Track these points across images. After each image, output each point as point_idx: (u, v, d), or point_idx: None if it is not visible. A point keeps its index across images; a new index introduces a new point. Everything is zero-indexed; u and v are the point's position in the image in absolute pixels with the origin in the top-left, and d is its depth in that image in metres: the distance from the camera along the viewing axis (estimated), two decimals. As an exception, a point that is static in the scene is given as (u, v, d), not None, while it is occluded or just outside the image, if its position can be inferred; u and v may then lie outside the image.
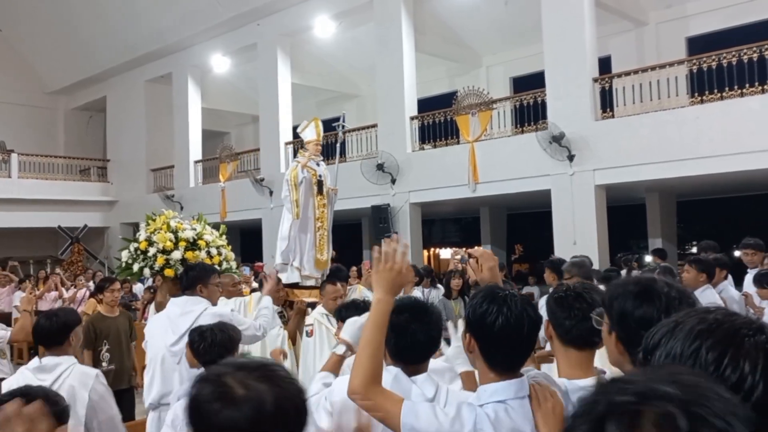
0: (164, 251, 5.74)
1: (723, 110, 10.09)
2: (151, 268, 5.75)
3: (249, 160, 18.00)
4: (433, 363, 2.37)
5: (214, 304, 4.25)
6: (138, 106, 20.53)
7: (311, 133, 6.77)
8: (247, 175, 16.80)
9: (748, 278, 6.10)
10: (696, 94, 10.86)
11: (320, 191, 6.60)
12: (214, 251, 6.03)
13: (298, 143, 16.73)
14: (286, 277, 6.41)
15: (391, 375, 2.12)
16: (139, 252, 5.79)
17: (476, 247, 2.63)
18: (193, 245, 5.91)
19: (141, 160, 20.61)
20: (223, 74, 18.69)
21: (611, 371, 1.97)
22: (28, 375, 3.08)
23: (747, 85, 10.16)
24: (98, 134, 23.36)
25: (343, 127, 7.93)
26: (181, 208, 18.34)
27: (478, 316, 1.89)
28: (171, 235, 5.82)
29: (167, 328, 4.03)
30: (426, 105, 14.85)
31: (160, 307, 5.64)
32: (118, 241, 21.15)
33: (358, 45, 16.32)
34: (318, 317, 5.03)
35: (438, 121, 13.68)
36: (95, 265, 19.77)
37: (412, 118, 13.94)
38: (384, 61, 14.28)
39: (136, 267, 5.79)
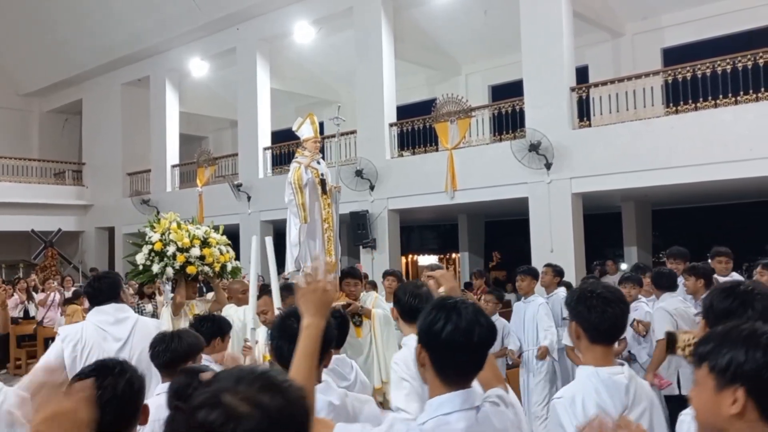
0: (182, 249, 5.70)
1: (697, 121, 10.25)
2: (173, 266, 5.69)
3: (227, 165, 17.89)
4: None
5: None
6: (114, 109, 20.31)
7: (308, 131, 6.43)
8: (224, 180, 16.69)
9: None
10: (671, 105, 11.02)
11: (324, 191, 6.35)
12: (223, 249, 6.02)
13: (276, 147, 16.70)
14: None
15: None
16: (154, 254, 5.72)
17: (437, 270, 2.63)
18: (204, 243, 5.89)
19: (117, 164, 20.38)
20: (201, 78, 18.57)
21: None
22: None
23: (720, 96, 10.34)
24: (74, 137, 23.06)
25: (339, 120, 7.52)
26: (158, 212, 18.12)
27: (426, 324, 1.85)
28: (186, 233, 5.79)
29: (104, 337, 3.81)
30: (405, 112, 14.89)
31: (178, 309, 5.54)
32: (93, 245, 20.98)
33: (338, 51, 16.32)
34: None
35: (417, 128, 13.72)
36: (69, 269, 19.47)
37: (391, 125, 13.96)
38: (363, 67, 14.30)
39: (156, 268, 5.70)
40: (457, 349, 1.81)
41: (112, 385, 1.91)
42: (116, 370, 1.98)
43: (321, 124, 7.98)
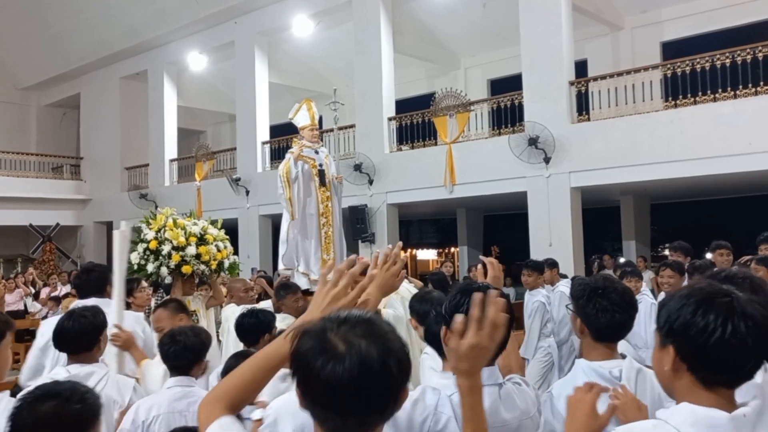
0: (177, 248, 5.49)
1: (696, 114, 10.24)
2: (168, 266, 5.48)
3: (225, 159, 17.86)
4: None
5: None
6: (113, 103, 20.26)
7: (304, 118, 6.17)
8: (223, 174, 16.66)
9: None
10: (670, 99, 11.01)
11: (322, 182, 6.03)
12: (221, 245, 5.80)
13: (274, 142, 16.68)
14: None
15: None
16: (149, 252, 5.52)
17: (490, 258, 2.58)
18: (201, 240, 5.68)
19: (115, 158, 20.34)
20: (199, 72, 18.51)
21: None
22: None
23: (719, 90, 10.32)
24: (72, 131, 23.00)
25: (336, 104, 7.21)
26: (156, 207, 18.14)
27: (452, 307, 1.90)
28: (181, 231, 5.59)
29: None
30: (404, 106, 14.87)
31: None
32: (91, 239, 20.96)
33: (337, 45, 16.28)
34: None
35: (416, 122, 13.70)
36: (67, 264, 19.46)
37: (390, 119, 13.94)
38: (362, 61, 14.27)
39: (150, 267, 5.48)
40: None
41: (47, 412, 1.83)
42: (66, 395, 1.88)
43: (319, 119, 7.90)
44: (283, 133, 17.04)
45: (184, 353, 2.93)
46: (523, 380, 2.07)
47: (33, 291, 13.09)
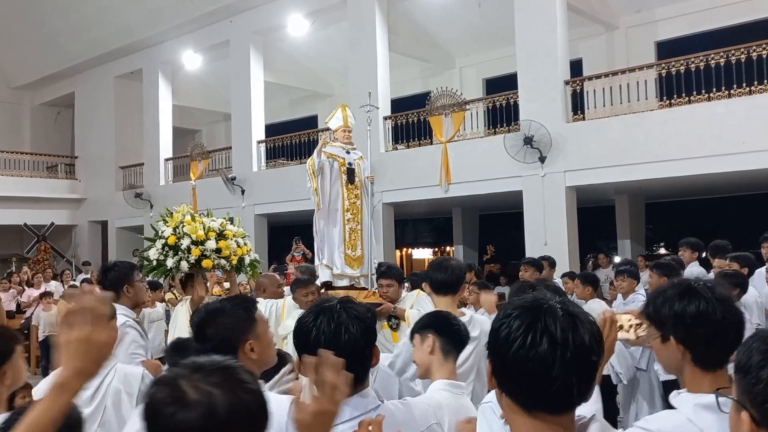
0: (196, 242, 5.40)
1: (690, 114, 10.28)
2: (188, 260, 5.38)
3: (220, 159, 17.83)
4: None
5: (141, 302, 3.94)
6: (107, 102, 20.19)
7: (337, 121, 6.30)
8: (218, 173, 16.64)
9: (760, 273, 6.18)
10: (664, 98, 11.04)
11: (350, 181, 6.11)
12: (240, 241, 5.75)
13: (269, 141, 16.66)
14: (319, 276, 6.02)
15: None
16: (167, 248, 5.42)
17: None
18: (220, 235, 5.60)
19: (110, 158, 20.28)
20: (194, 71, 18.48)
21: None
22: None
23: (714, 90, 10.36)
24: (66, 130, 22.92)
25: (371, 107, 6.94)
26: (151, 206, 18.11)
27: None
28: (200, 225, 5.52)
29: None
30: (399, 105, 14.86)
31: (195, 306, 5.05)
32: (86, 239, 20.90)
33: (332, 44, 16.27)
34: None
35: (411, 121, 13.70)
36: (62, 263, 19.40)
37: (385, 118, 13.94)
38: (357, 60, 14.26)
39: (170, 262, 5.37)
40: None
41: None
42: None
43: (315, 117, 7.91)
44: (278, 133, 17.03)
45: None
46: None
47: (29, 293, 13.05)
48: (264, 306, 5.11)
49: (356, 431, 1.53)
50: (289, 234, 14.61)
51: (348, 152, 6.22)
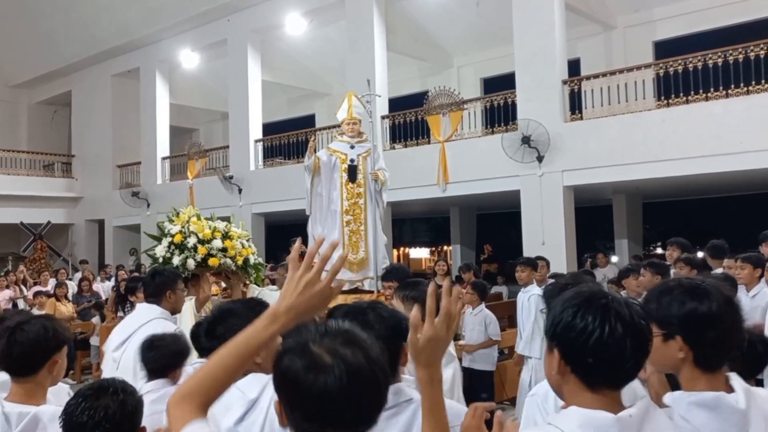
0: (203, 241, 5.43)
1: (688, 114, 10.27)
2: (194, 258, 5.39)
3: (218, 158, 17.80)
4: None
5: (179, 310, 4.04)
6: (104, 101, 20.14)
7: (342, 113, 6.03)
8: (215, 172, 16.61)
9: None
10: (662, 98, 11.04)
11: (351, 179, 5.75)
12: (245, 242, 5.74)
13: (267, 140, 16.63)
14: None
15: None
16: (174, 246, 5.45)
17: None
18: (225, 235, 5.62)
19: (107, 156, 20.22)
20: (192, 70, 18.43)
21: None
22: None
23: (711, 89, 10.36)
24: (63, 129, 22.86)
25: (371, 96, 6.73)
26: (148, 205, 18.08)
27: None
28: (206, 223, 5.56)
29: (115, 332, 3.82)
30: (397, 104, 14.84)
31: (202, 305, 5.19)
32: (83, 237, 20.86)
33: (330, 43, 16.25)
34: None
35: (409, 120, 13.68)
36: (59, 262, 19.35)
37: (383, 117, 13.92)
38: (355, 59, 14.24)
39: (176, 260, 5.38)
40: None
41: (105, 406, 2.03)
42: (110, 390, 2.08)
43: (312, 116, 7.85)
44: (275, 131, 17.01)
45: (162, 359, 2.94)
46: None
47: (25, 293, 12.99)
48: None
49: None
50: (286, 233, 14.60)
51: (352, 147, 5.98)
